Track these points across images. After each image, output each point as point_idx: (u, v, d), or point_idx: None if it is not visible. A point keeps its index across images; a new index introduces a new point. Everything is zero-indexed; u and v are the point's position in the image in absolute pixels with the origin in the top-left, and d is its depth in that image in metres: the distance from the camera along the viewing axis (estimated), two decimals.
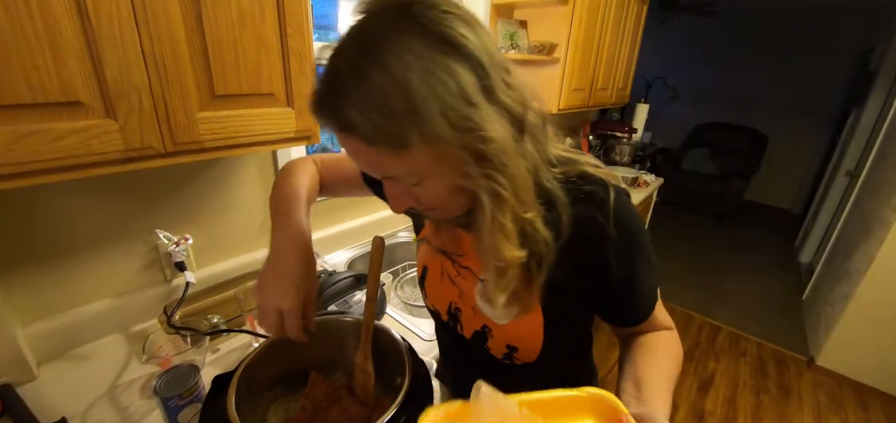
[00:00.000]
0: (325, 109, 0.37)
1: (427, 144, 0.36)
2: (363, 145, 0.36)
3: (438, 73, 0.34)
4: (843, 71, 3.97)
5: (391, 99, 0.34)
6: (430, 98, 0.34)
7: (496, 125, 0.37)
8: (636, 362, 0.48)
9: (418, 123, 0.34)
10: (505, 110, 0.38)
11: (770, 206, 4.81)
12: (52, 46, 0.48)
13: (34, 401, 0.69)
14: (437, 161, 0.38)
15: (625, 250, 0.46)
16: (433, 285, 0.61)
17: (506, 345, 0.54)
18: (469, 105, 0.36)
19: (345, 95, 0.35)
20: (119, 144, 0.56)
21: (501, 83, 0.38)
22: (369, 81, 0.34)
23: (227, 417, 0.44)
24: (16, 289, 0.76)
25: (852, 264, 2.10)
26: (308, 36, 0.71)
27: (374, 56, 0.34)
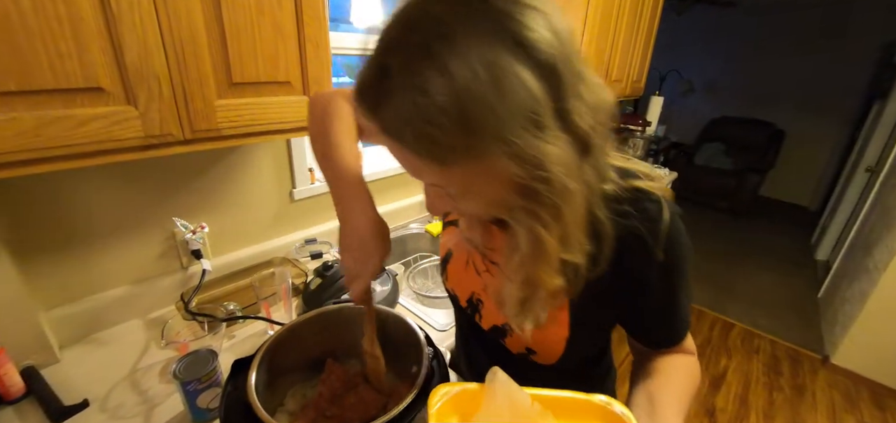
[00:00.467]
0: (368, 105, 0.33)
1: (474, 165, 0.32)
2: (406, 152, 0.32)
3: (506, 85, 0.28)
4: (865, 64, 3.84)
5: (447, 112, 0.28)
6: (493, 118, 0.29)
7: (560, 154, 0.32)
8: (653, 379, 0.47)
9: (473, 143, 0.30)
10: (573, 133, 0.33)
11: (786, 202, 4.71)
12: (75, 32, 0.48)
13: (57, 383, 0.70)
14: (483, 183, 0.34)
15: (669, 276, 0.44)
16: (456, 271, 0.60)
17: (525, 346, 0.53)
18: (535, 130, 0.30)
19: (393, 98, 0.30)
20: (139, 130, 0.56)
21: (575, 99, 0.33)
22: (425, 88, 0.28)
23: (248, 399, 0.44)
24: (39, 274, 0.77)
25: (872, 260, 2.04)
26: (324, 23, 0.71)
27: (434, 55, 0.28)
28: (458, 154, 0.31)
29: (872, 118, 3.15)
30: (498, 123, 0.29)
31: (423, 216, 1.53)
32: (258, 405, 0.44)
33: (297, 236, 1.16)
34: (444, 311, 0.98)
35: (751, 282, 3.01)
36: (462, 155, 0.31)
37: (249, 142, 0.70)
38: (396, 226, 1.42)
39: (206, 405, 0.65)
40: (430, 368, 0.51)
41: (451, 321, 0.92)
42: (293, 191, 1.12)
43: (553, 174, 0.32)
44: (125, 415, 0.67)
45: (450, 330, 0.90)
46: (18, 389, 0.68)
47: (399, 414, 0.44)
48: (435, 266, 1.22)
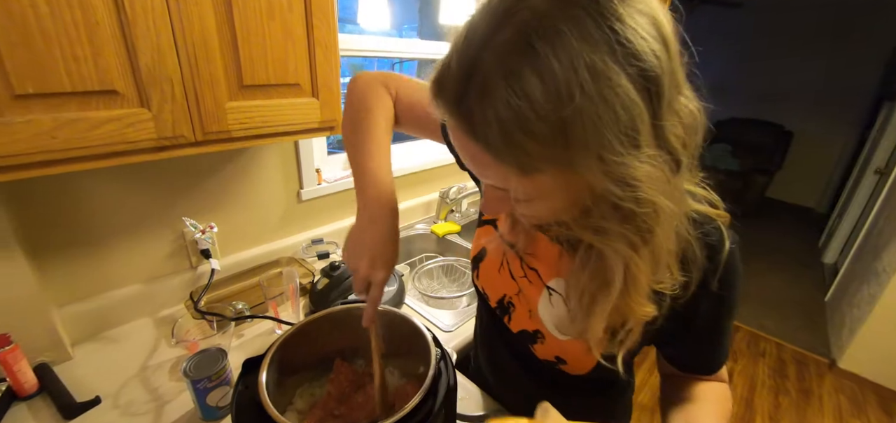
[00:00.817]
0: (450, 100, 0.30)
1: (562, 177, 0.29)
2: (486, 155, 0.30)
3: (611, 99, 0.26)
4: (875, 64, 3.80)
5: (546, 120, 0.26)
6: (592, 133, 0.26)
7: (653, 172, 0.29)
8: (689, 409, 0.47)
9: (566, 156, 0.27)
10: (667, 151, 0.31)
11: (794, 204, 4.66)
12: (90, 36, 0.49)
13: (70, 380, 0.72)
14: (565, 194, 0.32)
15: (719, 307, 0.44)
16: (489, 272, 0.60)
17: (555, 356, 0.53)
18: (632, 148, 0.28)
19: (487, 99, 0.27)
20: (152, 132, 0.57)
21: (672, 114, 0.31)
22: (524, 90, 0.26)
23: (259, 398, 0.45)
24: (53, 273, 0.79)
25: (881, 263, 2.02)
26: (334, 27, 0.71)
27: (534, 54, 0.25)
28: (547, 163, 0.28)
29: (882, 119, 3.12)
30: (598, 138, 0.26)
31: (428, 217, 1.54)
32: (269, 405, 0.44)
33: (304, 237, 1.17)
34: (450, 312, 0.99)
35: (757, 284, 2.98)
36: (550, 165, 0.29)
37: (259, 143, 0.71)
38: (401, 227, 1.43)
39: (216, 403, 0.66)
40: (437, 368, 0.52)
41: (457, 322, 0.92)
42: (301, 191, 1.13)
43: (647, 194, 0.30)
44: (136, 412, 0.68)
45: (456, 331, 0.91)
46: (32, 385, 0.69)
47: (406, 415, 0.45)
48: (440, 267, 1.23)
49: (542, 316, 0.52)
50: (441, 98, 0.31)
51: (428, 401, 0.47)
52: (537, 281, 0.52)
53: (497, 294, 0.59)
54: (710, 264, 0.40)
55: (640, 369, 2.09)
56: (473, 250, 0.64)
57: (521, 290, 0.55)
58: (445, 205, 1.48)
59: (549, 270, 0.51)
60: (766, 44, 4.39)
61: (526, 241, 0.52)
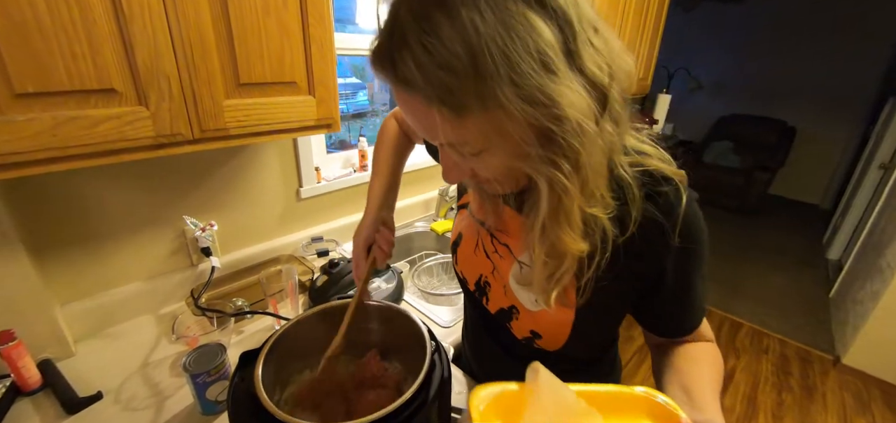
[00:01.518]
0: (382, 58, 0.33)
1: (489, 113, 0.32)
2: (421, 105, 0.33)
3: (516, 29, 0.29)
4: (879, 59, 3.76)
5: (456, 56, 0.29)
6: (501, 60, 0.29)
7: (575, 99, 0.32)
8: (682, 370, 0.47)
9: (483, 87, 0.30)
10: (588, 81, 0.33)
11: (797, 201, 4.63)
12: (88, 34, 0.50)
13: (72, 375, 0.73)
14: (499, 134, 0.34)
15: (685, 263, 0.44)
16: (465, 254, 0.61)
17: (529, 330, 0.54)
18: (547, 73, 0.31)
19: (405, 46, 0.31)
20: (150, 130, 0.58)
21: (588, 45, 0.33)
22: (434, 32, 0.29)
23: (255, 390, 0.45)
24: (55, 270, 0.80)
25: (885, 259, 2.01)
26: (329, 24, 0.72)
27: (442, 4, 0.29)
28: (472, 100, 0.31)
29: (886, 115, 3.09)
30: (508, 65, 0.29)
31: (428, 215, 1.54)
32: (264, 396, 0.45)
33: (303, 235, 1.18)
34: (449, 308, 0.99)
35: (760, 281, 2.97)
36: (476, 101, 0.31)
37: (257, 141, 0.72)
38: (402, 224, 1.43)
39: (215, 398, 0.67)
40: (431, 361, 0.52)
41: (455, 318, 0.93)
42: (300, 190, 1.14)
43: (567, 114, 0.32)
44: (137, 407, 0.69)
45: (454, 327, 0.91)
46: (36, 381, 0.70)
47: (402, 405, 0.45)
48: (440, 264, 1.23)
49: (514, 289, 0.53)
50: (376, 64, 0.34)
51: (421, 393, 0.48)
52: (508, 256, 0.53)
53: (474, 275, 0.60)
54: (668, 221, 0.41)
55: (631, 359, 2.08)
56: (452, 236, 0.66)
57: (495, 267, 0.56)
58: (445, 203, 1.48)
59: (519, 244, 0.52)
60: (767, 40, 4.36)
61: (495, 217, 0.53)
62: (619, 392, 0.39)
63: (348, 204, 1.30)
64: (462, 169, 0.40)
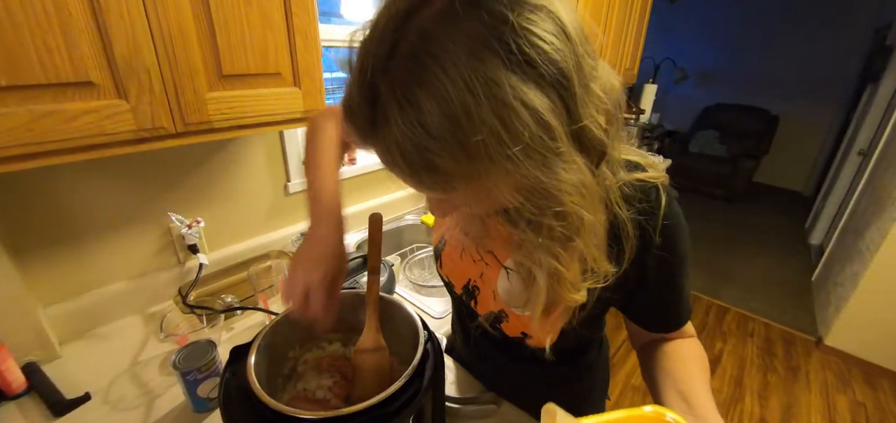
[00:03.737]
0: (359, 130, 0.30)
1: (482, 185, 0.29)
2: (407, 177, 0.30)
3: (513, 111, 0.25)
4: (858, 48, 3.86)
5: (444, 145, 0.25)
6: (495, 144, 0.25)
7: (570, 178, 0.29)
8: (676, 375, 0.47)
9: (474, 172, 0.27)
10: (587, 148, 0.30)
11: (781, 188, 4.74)
12: (62, 25, 0.48)
13: (59, 378, 0.71)
14: (490, 199, 0.31)
15: (667, 262, 0.44)
16: (451, 260, 0.61)
17: (520, 332, 0.54)
18: (545, 160, 0.27)
19: (385, 125, 0.27)
20: (131, 124, 0.56)
21: (588, 105, 0.29)
22: (421, 120, 0.25)
23: (247, 383, 0.45)
24: (37, 272, 0.78)
25: (864, 242, 2.07)
26: (313, 14, 0.71)
27: (425, 75, 0.25)
28: (460, 180, 0.28)
29: (865, 102, 3.17)
30: (504, 154, 0.26)
31: (418, 207, 1.54)
32: (258, 387, 0.45)
33: (292, 230, 1.17)
34: (441, 299, 1.00)
35: (745, 267, 3.04)
36: (464, 180, 0.28)
37: (242, 134, 0.70)
38: (391, 217, 1.43)
39: (207, 395, 0.66)
40: (425, 350, 0.52)
41: (447, 309, 0.93)
42: (288, 184, 1.13)
43: (566, 206, 0.30)
44: (127, 407, 0.68)
45: (446, 317, 0.92)
46: (20, 384, 0.69)
47: (393, 394, 0.45)
48: (431, 257, 1.23)
49: (502, 295, 0.53)
50: (352, 126, 0.30)
51: (414, 382, 0.48)
52: (494, 263, 0.53)
53: (462, 280, 0.60)
54: (650, 223, 0.41)
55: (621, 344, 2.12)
56: (434, 240, 0.65)
57: (483, 273, 0.56)
58: None
59: (504, 251, 0.51)
60: (750, 29, 4.43)
61: (480, 229, 0.52)
62: (629, 417, 0.39)
63: None
64: (448, 210, 0.39)
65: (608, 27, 1.74)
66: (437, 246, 0.64)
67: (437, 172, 0.27)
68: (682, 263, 0.46)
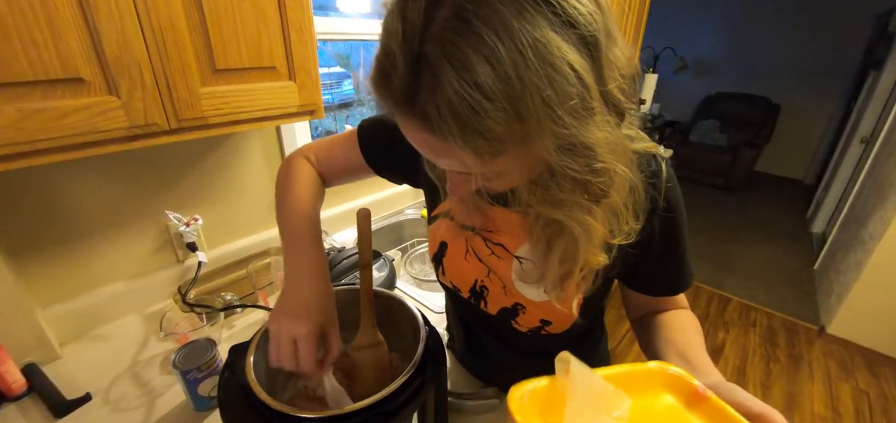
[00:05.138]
0: (400, 94, 0.29)
1: (522, 152, 0.30)
2: (445, 145, 0.29)
3: (558, 69, 0.26)
4: (860, 35, 3.82)
5: (496, 105, 0.26)
6: (543, 106, 0.26)
7: (606, 137, 0.31)
8: (674, 340, 0.48)
9: (523, 135, 0.28)
10: (612, 106, 0.32)
11: (782, 176, 4.72)
12: (49, 20, 0.47)
13: (59, 378, 0.71)
14: (526, 166, 0.33)
15: (671, 223, 0.47)
16: (455, 263, 0.59)
17: (539, 320, 0.54)
18: (583, 118, 0.28)
19: (438, 89, 0.26)
20: (123, 121, 0.55)
21: (611, 66, 0.31)
22: (473, 81, 0.25)
23: (246, 382, 0.45)
24: (35, 273, 0.77)
25: (866, 231, 2.06)
26: (307, 7, 0.69)
27: (481, 38, 0.25)
28: (509, 146, 0.28)
29: (867, 89, 3.14)
30: (549, 113, 0.27)
31: (418, 202, 1.53)
32: (257, 386, 0.44)
33: None
34: (441, 294, 0.99)
35: (747, 256, 3.03)
36: (509, 145, 0.28)
37: (238, 129, 0.69)
38: (391, 212, 1.42)
39: (208, 393, 0.66)
40: (426, 346, 0.52)
41: None
42: None
43: (603, 161, 0.31)
44: (128, 407, 0.67)
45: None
46: (20, 385, 0.68)
47: (396, 391, 0.45)
48: None
49: (519, 287, 0.52)
50: (389, 97, 0.30)
51: (416, 378, 0.47)
52: (505, 255, 0.52)
53: (467, 283, 0.58)
54: (654, 189, 0.44)
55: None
56: (431, 248, 0.63)
57: (491, 269, 0.55)
58: None
59: (514, 240, 0.51)
60: (753, 19, 4.39)
61: (482, 219, 0.52)
62: (635, 370, 0.40)
63: (337, 193, 1.28)
64: (470, 187, 0.38)
65: None
66: (437, 252, 0.61)
67: (488, 135, 0.27)
68: (684, 224, 0.49)
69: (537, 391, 0.36)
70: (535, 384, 0.36)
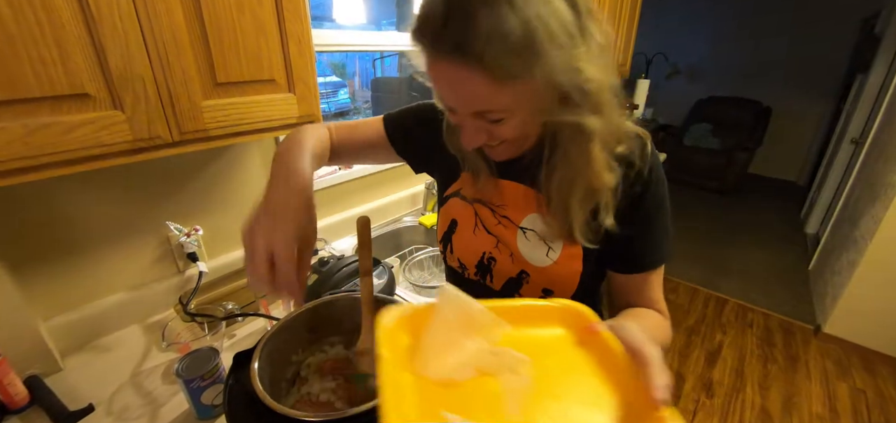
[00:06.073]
0: (436, 26, 0.38)
1: (531, 83, 0.39)
2: (466, 72, 0.38)
3: (552, 9, 0.37)
4: (848, 37, 3.89)
5: (513, 30, 0.36)
6: (546, 36, 0.37)
7: (592, 67, 0.41)
8: (630, 316, 0.53)
9: (532, 58, 0.37)
10: (599, 48, 0.42)
11: (775, 178, 4.77)
12: (56, 38, 0.49)
13: (61, 390, 0.71)
14: (533, 98, 0.41)
15: (655, 193, 0.52)
16: (464, 238, 0.63)
17: (542, 289, 0.57)
18: (574, 43, 0.39)
19: (469, 17, 0.36)
20: (127, 134, 0.57)
21: (592, 19, 0.41)
22: (498, 13, 0.35)
23: (252, 389, 0.45)
24: (36, 285, 0.78)
25: (859, 230, 2.09)
26: (306, 20, 0.71)
27: None
28: (521, 69, 0.38)
29: (855, 90, 3.20)
30: (551, 38, 0.37)
31: (415, 209, 1.54)
32: (263, 392, 0.45)
33: None
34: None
35: (743, 259, 3.05)
36: (524, 71, 0.38)
37: (238, 141, 0.71)
38: (389, 220, 1.43)
39: (211, 402, 0.66)
40: None
41: None
42: None
43: (592, 76, 0.41)
44: (131, 417, 0.68)
45: None
46: (22, 397, 0.68)
47: None
48: (430, 258, 1.24)
49: (524, 253, 0.57)
50: (428, 34, 0.39)
51: None
52: (511, 226, 0.58)
53: (475, 257, 0.62)
54: (642, 161, 0.51)
55: None
56: (441, 228, 0.67)
57: (499, 239, 0.59)
58: (432, 196, 1.48)
59: (518, 212, 0.57)
60: (742, 23, 4.46)
61: (493, 190, 0.59)
62: (532, 305, 0.41)
63: (335, 203, 1.29)
64: (483, 134, 0.46)
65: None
66: (447, 230, 0.66)
67: (507, 56, 0.37)
68: (665, 197, 0.54)
69: (412, 313, 0.37)
70: (411, 308, 0.38)
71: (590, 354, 0.37)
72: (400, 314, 0.37)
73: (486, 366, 0.34)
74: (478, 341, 0.35)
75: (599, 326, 0.38)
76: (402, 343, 0.35)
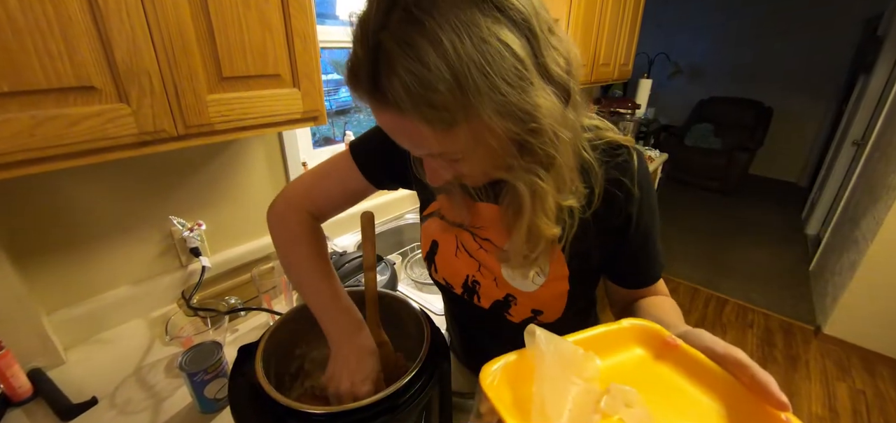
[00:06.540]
0: (366, 83, 0.34)
1: (475, 127, 0.34)
2: (407, 122, 0.34)
3: (491, 47, 0.31)
4: (850, 38, 3.89)
5: (442, 79, 0.31)
6: (482, 80, 0.31)
7: (547, 106, 0.36)
8: (650, 312, 0.50)
9: (469, 104, 0.32)
10: (554, 83, 0.37)
11: (776, 179, 4.77)
12: (64, 31, 0.49)
13: (65, 383, 0.72)
14: (483, 143, 0.37)
15: (644, 211, 0.50)
16: (446, 260, 0.61)
17: (531, 310, 0.55)
18: (521, 87, 0.34)
19: (393, 72, 0.32)
20: (133, 127, 0.57)
21: (550, 47, 0.36)
22: (419, 58, 0.31)
23: (257, 381, 0.46)
24: (40, 278, 0.78)
25: (860, 231, 2.09)
26: (311, 16, 0.71)
27: (425, 27, 0.30)
28: (458, 116, 0.33)
29: (858, 92, 3.20)
30: (489, 83, 0.32)
31: (417, 207, 1.54)
32: (268, 385, 0.45)
33: None
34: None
35: (744, 258, 3.06)
36: (462, 117, 0.33)
37: (242, 136, 0.71)
38: (391, 217, 1.44)
39: (214, 396, 0.66)
40: (430, 347, 0.53)
41: None
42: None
43: (544, 125, 0.36)
44: (134, 410, 0.68)
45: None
46: (26, 390, 0.69)
47: (401, 389, 0.46)
48: None
49: (507, 277, 0.55)
50: (358, 88, 0.36)
51: (421, 376, 0.49)
52: (493, 249, 0.55)
53: (459, 278, 0.60)
54: (627, 177, 0.47)
55: None
56: (424, 247, 0.65)
57: (481, 263, 0.57)
58: None
59: (500, 235, 0.54)
60: (744, 23, 4.46)
61: (469, 214, 0.55)
62: (607, 331, 0.41)
63: None
64: (446, 171, 0.43)
65: (602, 23, 1.75)
66: (430, 250, 0.63)
67: (439, 106, 0.32)
68: (656, 211, 0.52)
69: (508, 365, 0.37)
70: (505, 359, 0.37)
71: (677, 368, 0.37)
72: (502, 370, 0.36)
73: (608, 407, 0.33)
74: (576, 381, 0.34)
75: (676, 340, 0.37)
76: (508, 399, 0.34)
